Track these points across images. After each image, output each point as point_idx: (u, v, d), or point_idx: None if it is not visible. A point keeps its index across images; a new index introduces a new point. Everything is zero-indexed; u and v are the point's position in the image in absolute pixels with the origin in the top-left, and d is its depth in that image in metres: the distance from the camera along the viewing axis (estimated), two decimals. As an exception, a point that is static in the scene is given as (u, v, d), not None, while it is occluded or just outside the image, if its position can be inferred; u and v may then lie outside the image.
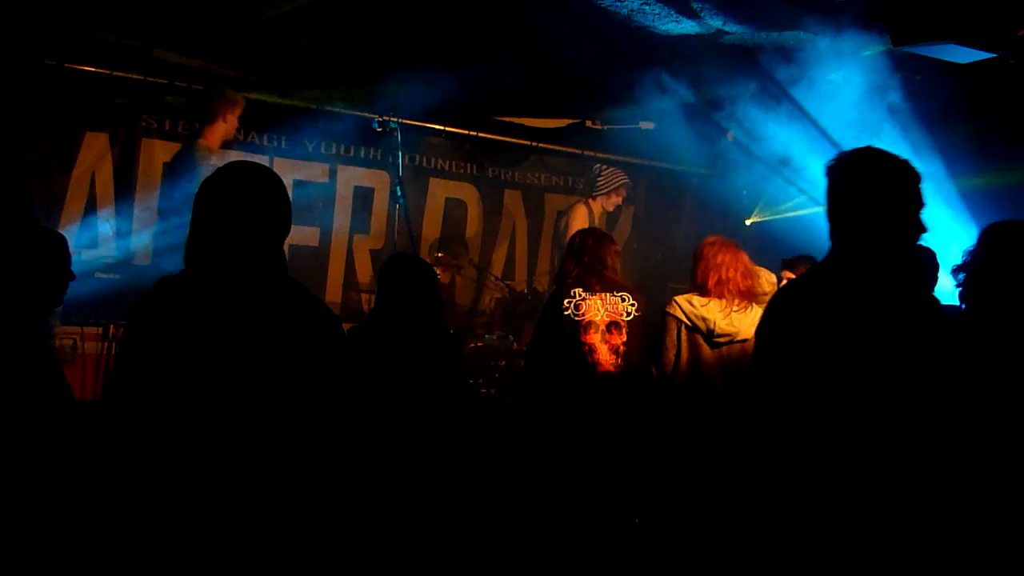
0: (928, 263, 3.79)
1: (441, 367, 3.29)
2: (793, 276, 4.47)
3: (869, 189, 2.26)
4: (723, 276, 4.01)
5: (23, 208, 5.04)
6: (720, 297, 4.00)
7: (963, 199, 5.75)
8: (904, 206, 2.25)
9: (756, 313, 3.98)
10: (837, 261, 2.30)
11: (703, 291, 4.03)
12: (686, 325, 4.00)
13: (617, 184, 6.68)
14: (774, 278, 4.31)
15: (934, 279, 3.78)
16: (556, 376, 4.21)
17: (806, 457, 2.21)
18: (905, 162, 2.28)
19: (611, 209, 6.82)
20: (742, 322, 3.95)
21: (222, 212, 2.15)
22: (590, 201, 6.69)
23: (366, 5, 5.10)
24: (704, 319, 3.95)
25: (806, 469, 2.20)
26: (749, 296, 4.04)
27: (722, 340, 3.95)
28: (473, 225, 7.23)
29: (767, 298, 4.22)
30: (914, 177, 2.27)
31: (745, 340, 3.93)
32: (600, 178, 6.75)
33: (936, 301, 2.31)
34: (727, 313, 3.96)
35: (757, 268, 4.32)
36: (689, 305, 4.00)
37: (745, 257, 4.12)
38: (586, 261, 4.23)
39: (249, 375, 2.08)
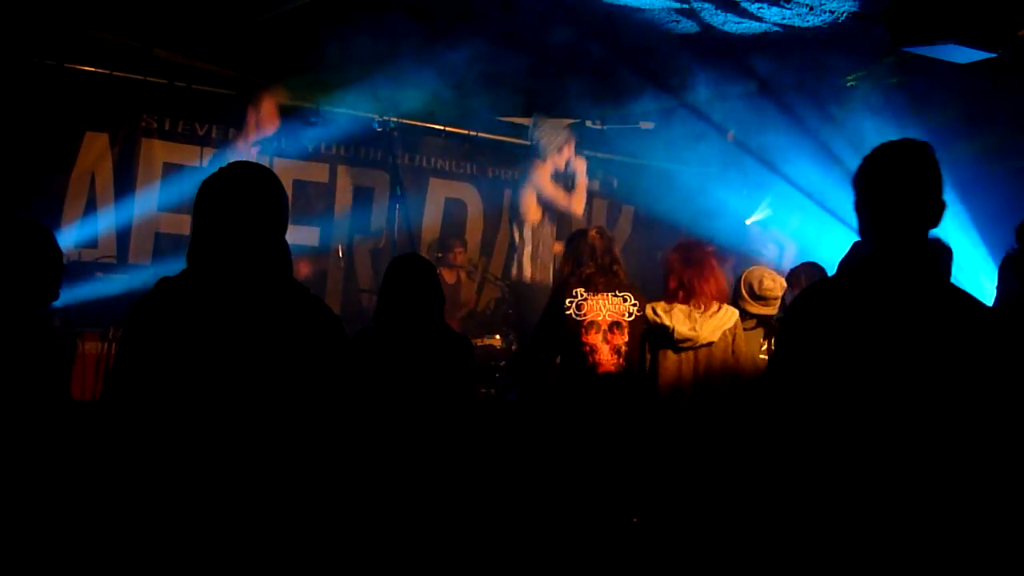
0: (943, 253, 3.62)
1: (447, 366, 3.31)
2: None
3: (908, 177, 2.20)
4: (685, 281, 4.07)
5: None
6: (685, 303, 4.05)
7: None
8: (937, 190, 2.20)
9: (724, 315, 4.04)
10: (881, 254, 2.21)
11: (668, 298, 4.10)
12: (650, 332, 4.08)
13: (562, 141, 5.64)
14: (783, 280, 4.31)
15: (949, 270, 3.66)
16: (553, 376, 4.23)
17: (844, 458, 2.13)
18: (925, 145, 2.23)
19: (564, 168, 5.69)
20: (704, 327, 3.99)
21: (222, 212, 2.15)
22: (539, 166, 5.64)
23: (365, 5, 5.10)
24: (664, 326, 4.01)
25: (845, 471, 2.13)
26: (719, 298, 4.10)
27: (685, 345, 4.01)
28: (473, 225, 7.23)
29: (778, 302, 4.24)
30: (935, 161, 2.22)
31: (710, 344, 3.99)
32: (541, 141, 5.65)
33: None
34: (691, 316, 4.01)
35: (769, 271, 4.32)
36: (652, 313, 4.07)
37: (714, 260, 4.16)
38: (587, 261, 4.23)
39: (250, 375, 2.08)
